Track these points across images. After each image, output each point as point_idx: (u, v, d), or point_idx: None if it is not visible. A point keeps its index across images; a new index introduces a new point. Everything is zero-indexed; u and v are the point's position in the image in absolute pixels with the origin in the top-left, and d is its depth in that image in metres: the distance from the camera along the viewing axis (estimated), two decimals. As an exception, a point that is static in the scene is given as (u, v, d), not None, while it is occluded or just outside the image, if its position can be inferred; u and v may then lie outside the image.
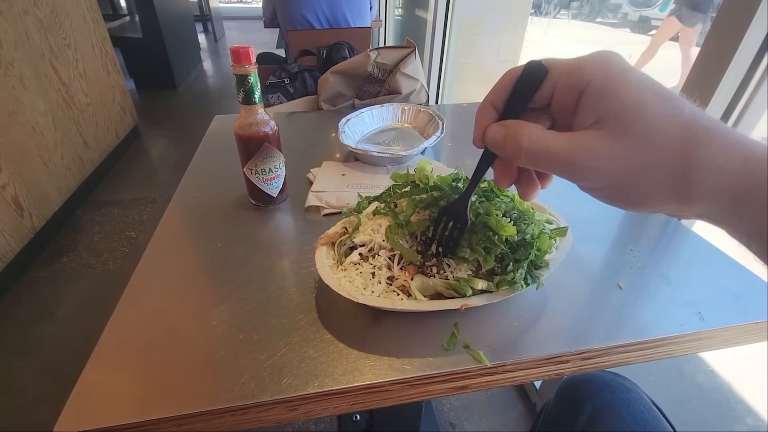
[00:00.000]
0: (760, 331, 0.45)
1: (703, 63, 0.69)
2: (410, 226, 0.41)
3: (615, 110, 0.23)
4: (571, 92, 0.25)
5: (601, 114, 0.23)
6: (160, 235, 0.57)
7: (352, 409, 0.39)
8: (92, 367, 0.39)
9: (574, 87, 0.25)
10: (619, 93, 0.23)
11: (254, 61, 0.53)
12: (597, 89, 0.24)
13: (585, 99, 0.24)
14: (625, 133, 0.23)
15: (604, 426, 0.53)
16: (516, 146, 0.26)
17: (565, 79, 0.25)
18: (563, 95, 0.25)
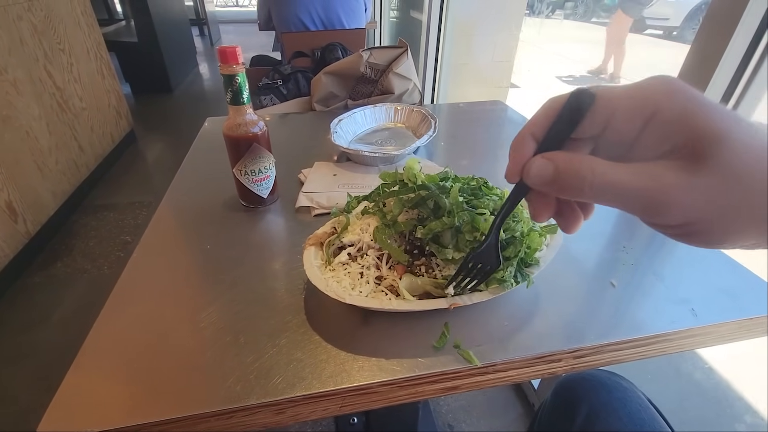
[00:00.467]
0: (754, 327, 0.45)
1: (693, 63, 0.68)
2: (398, 225, 0.41)
3: (694, 138, 0.21)
4: (633, 120, 0.22)
5: (676, 142, 0.21)
6: (149, 238, 0.56)
7: (341, 411, 0.38)
8: (75, 371, 0.38)
9: (638, 115, 0.22)
10: (697, 120, 0.21)
11: (241, 61, 0.52)
12: (669, 116, 0.21)
13: (654, 127, 0.22)
14: (707, 163, 0.20)
15: (601, 426, 0.52)
16: (578, 180, 0.23)
17: (625, 106, 0.23)
18: (623, 124, 0.23)
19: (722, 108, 0.21)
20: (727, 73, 0.66)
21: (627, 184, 0.22)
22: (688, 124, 0.21)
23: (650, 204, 0.22)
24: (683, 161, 0.21)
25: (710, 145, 0.20)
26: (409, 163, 0.43)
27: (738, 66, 0.65)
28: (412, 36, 2.49)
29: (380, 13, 3.18)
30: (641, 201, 0.22)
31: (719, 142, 0.20)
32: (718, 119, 0.20)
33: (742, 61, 0.65)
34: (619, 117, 0.23)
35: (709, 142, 0.20)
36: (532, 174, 0.25)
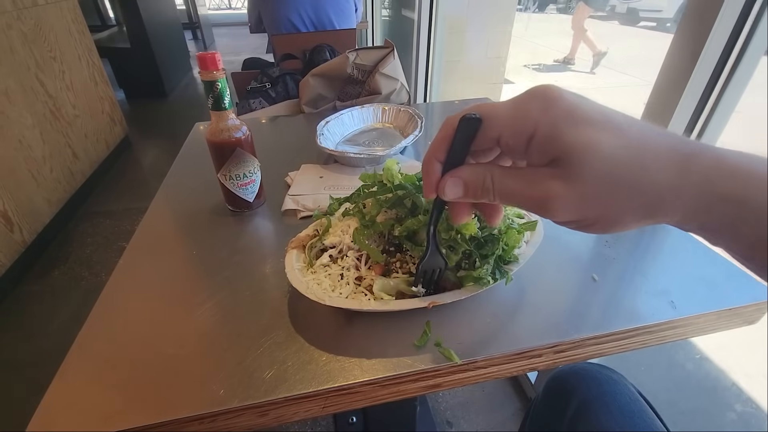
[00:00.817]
0: (733, 317, 0.45)
1: (675, 56, 0.69)
2: (376, 225, 0.41)
3: (566, 152, 0.24)
4: (518, 139, 0.25)
5: (554, 156, 0.24)
6: (134, 245, 0.57)
7: (324, 412, 0.39)
8: (60, 380, 0.39)
9: (521, 135, 0.25)
10: (570, 137, 0.23)
11: (222, 67, 0.53)
12: (546, 135, 0.24)
13: (535, 144, 0.25)
14: (580, 173, 0.23)
15: (591, 418, 0.52)
16: (483, 191, 0.27)
17: (509, 127, 0.26)
18: (511, 141, 0.26)
19: (594, 116, 0.24)
20: (709, 64, 0.66)
21: (520, 192, 0.26)
22: (560, 140, 0.24)
23: (541, 208, 0.25)
24: (562, 170, 0.24)
25: (578, 158, 0.23)
26: (388, 164, 0.44)
27: (718, 59, 0.66)
28: (404, 35, 2.48)
29: (371, 12, 3.17)
30: (533, 203, 0.26)
31: (588, 154, 0.23)
32: (585, 134, 0.23)
33: (722, 55, 0.65)
34: (505, 135, 0.26)
35: (577, 155, 0.23)
36: (447, 193, 0.28)
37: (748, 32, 0.63)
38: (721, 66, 0.66)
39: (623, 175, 0.23)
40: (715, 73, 0.67)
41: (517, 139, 0.25)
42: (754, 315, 0.46)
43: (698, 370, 1.19)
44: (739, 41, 0.64)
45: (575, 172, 0.24)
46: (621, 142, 0.23)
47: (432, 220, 0.35)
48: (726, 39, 0.64)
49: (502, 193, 0.27)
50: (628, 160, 0.23)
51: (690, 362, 1.21)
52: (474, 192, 0.28)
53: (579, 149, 0.23)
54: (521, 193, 0.26)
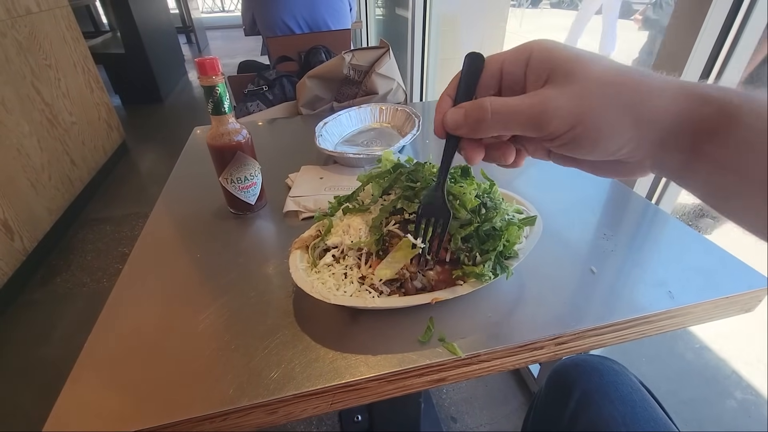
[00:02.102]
0: (730, 306, 0.46)
1: (668, 49, 0.70)
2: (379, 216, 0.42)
3: (558, 65, 0.27)
4: (517, 66, 0.29)
5: (547, 73, 0.27)
6: (139, 250, 0.57)
7: (331, 408, 0.39)
8: (73, 382, 0.39)
9: (519, 61, 0.29)
10: (558, 54, 0.27)
11: (221, 72, 0.53)
12: (538, 57, 0.28)
13: (530, 68, 0.28)
14: (570, 76, 0.26)
15: (593, 409, 0.53)
16: (482, 114, 0.29)
17: (509, 59, 0.29)
18: (510, 70, 0.29)
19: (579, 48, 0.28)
20: (702, 55, 0.67)
21: (517, 106, 0.28)
22: (553, 58, 0.27)
23: (538, 116, 0.27)
24: (555, 81, 0.27)
25: (569, 66, 0.27)
26: (386, 155, 0.45)
27: (711, 49, 0.66)
28: (398, 33, 2.49)
29: (365, 12, 3.18)
30: (530, 116, 0.27)
31: (575, 63, 0.26)
32: (573, 51, 0.27)
33: (717, 40, 0.66)
34: (506, 66, 0.30)
35: (568, 64, 0.27)
36: (448, 120, 0.31)
37: (742, 18, 0.64)
38: (716, 52, 0.66)
39: (608, 74, 0.26)
40: (710, 60, 0.67)
41: (516, 65, 0.29)
42: (751, 303, 0.47)
43: (698, 359, 1.20)
44: (733, 29, 0.64)
45: (566, 78, 0.26)
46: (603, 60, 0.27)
47: (443, 162, 0.35)
48: (721, 24, 0.64)
49: (499, 109, 0.28)
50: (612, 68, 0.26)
51: (690, 352, 1.22)
52: (472, 116, 0.29)
53: (568, 58, 0.27)
54: (518, 104, 0.28)
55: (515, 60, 0.29)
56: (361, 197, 0.47)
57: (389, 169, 0.46)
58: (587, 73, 0.26)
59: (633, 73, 0.25)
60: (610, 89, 0.25)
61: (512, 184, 0.67)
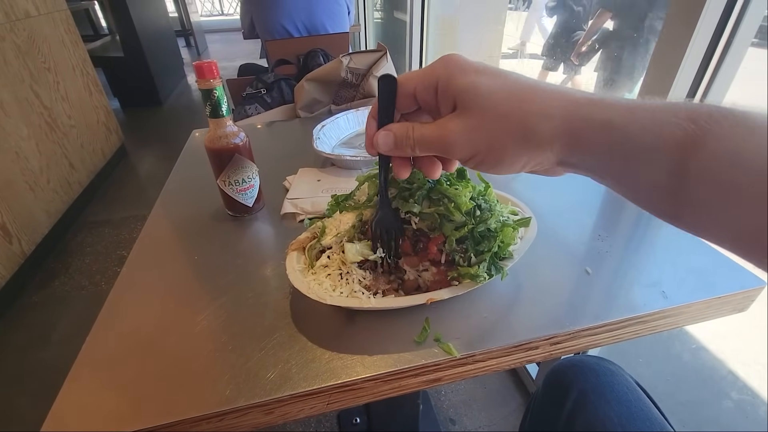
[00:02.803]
0: (722, 306, 0.47)
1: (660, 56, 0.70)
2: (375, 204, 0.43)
3: (458, 94, 0.29)
4: (428, 92, 0.31)
5: (452, 101, 0.29)
6: (137, 252, 0.58)
7: (328, 408, 0.40)
8: (70, 384, 0.39)
9: (429, 87, 0.31)
10: (459, 81, 0.29)
11: (219, 75, 0.54)
12: (444, 83, 0.30)
13: (439, 94, 0.30)
14: (468, 109, 0.28)
15: (590, 409, 0.54)
16: (406, 140, 0.32)
17: (420, 83, 0.31)
18: (424, 96, 0.31)
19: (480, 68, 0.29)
20: (696, 58, 0.68)
21: (428, 135, 0.31)
22: (453, 85, 0.29)
23: (444, 146, 0.30)
24: (458, 111, 0.29)
25: (467, 98, 0.28)
26: None
27: (704, 52, 0.67)
28: (396, 36, 2.50)
29: (364, 15, 3.19)
30: (439, 145, 0.31)
31: (472, 94, 0.28)
32: (471, 78, 0.29)
33: (707, 53, 0.67)
34: (419, 92, 0.32)
35: (466, 95, 0.28)
36: (380, 143, 0.33)
37: (733, 25, 0.64)
38: (707, 59, 0.67)
39: (500, 106, 0.27)
40: (701, 67, 0.68)
41: (427, 91, 0.31)
42: (743, 303, 0.48)
43: (695, 360, 1.21)
44: (725, 34, 0.65)
45: (464, 109, 0.29)
46: (499, 82, 0.28)
47: (381, 180, 0.39)
48: (711, 32, 0.65)
49: (419, 139, 0.31)
50: (504, 95, 0.28)
51: (687, 352, 1.23)
52: (401, 141, 0.32)
53: (465, 90, 0.28)
54: (430, 135, 0.31)
55: (425, 87, 0.31)
56: (357, 196, 0.47)
57: None
58: (480, 104, 0.28)
59: (524, 97, 0.27)
60: (500, 122, 0.28)
61: (508, 186, 0.68)
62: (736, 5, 0.63)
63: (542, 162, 0.28)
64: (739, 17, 0.64)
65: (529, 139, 0.27)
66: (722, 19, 0.64)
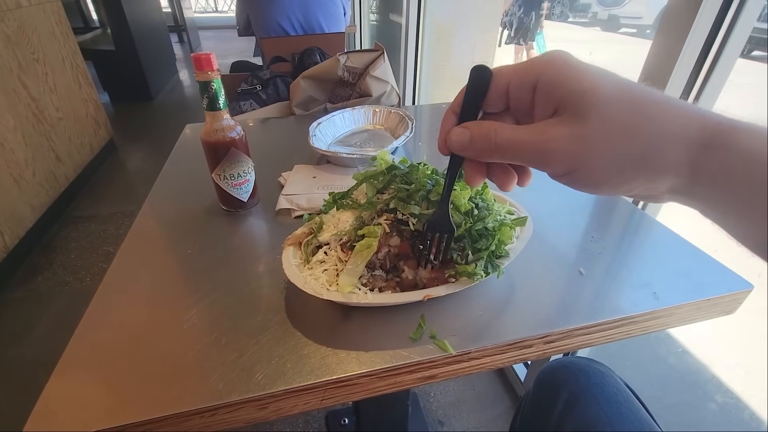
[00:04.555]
0: (711, 308, 0.48)
1: (654, 60, 0.72)
2: (373, 205, 0.43)
3: (568, 96, 0.24)
4: (523, 89, 0.26)
5: (556, 103, 0.25)
6: (128, 246, 0.57)
7: (322, 404, 0.39)
8: (57, 377, 0.38)
9: (525, 84, 0.26)
10: (569, 81, 0.24)
11: (216, 68, 0.53)
12: (547, 81, 0.25)
13: (538, 93, 0.26)
14: (581, 115, 0.24)
15: (580, 409, 0.54)
16: (486, 142, 0.27)
17: (516, 78, 0.27)
18: (517, 93, 0.27)
19: (596, 70, 0.25)
20: (686, 69, 0.69)
21: (520, 139, 0.26)
22: (564, 85, 0.24)
23: (539, 154, 0.25)
24: (565, 117, 0.24)
25: (578, 102, 0.24)
26: (381, 154, 0.45)
27: (695, 63, 0.69)
28: (392, 38, 2.51)
29: (360, 16, 3.20)
30: (532, 153, 0.26)
31: (585, 98, 0.24)
32: (589, 79, 0.24)
33: (699, 59, 0.68)
34: (513, 88, 0.27)
35: (578, 99, 0.24)
36: (453, 141, 0.29)
37: (722, 37, 0.66)
38: (698, 69, 0.69)
39: (623, 118, 0.23)
40: (692, 77, 0.70)
41: (523, 90, 0.26)
42: (732, 305, 0.49)
43: (680, 363, 1.23)
44: (714, 46, 0.67)
45: (574, 115, 0.24)
46: (621, 89, 0.23)
47: (447, 180, 0.35)
48: (702, 43, 0.67)
49: (504, 141, 0.27)
50: (629, 106, 0.23)
51: (672, 356, 1.25)
52: (479, 142, 0.28)
53: (580, 92, 0.24)
54: (522, 141, 0.26)
55: (522, 82, 0.26)
56: (355, 195, 0.47)
57: (383, 170, 0.46)
58: (597, 112, 0.23)
59: (653, 111, 0.23)
60: (620, 137, 0.23)
61: (503, 187, 0.68)
62: (726, 18, 0.65)
63: (654, 188, 0.24)
64: (728, 31, 0.66)
65: (650, 163, 0.23)
66: (713, 31, 0.66)
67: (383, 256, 0.43)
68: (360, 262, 0.41)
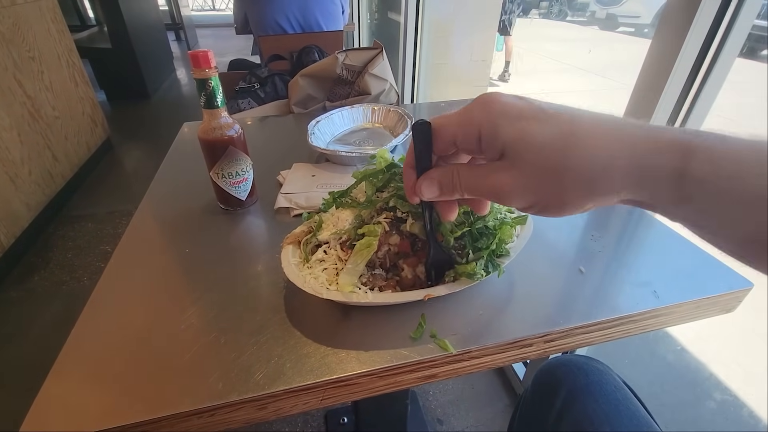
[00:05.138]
0: (711, 306, 0.48)
1: (652, 60, 0.72)
2: (372, 203, 0.42)
3: (506, 145, 0.27)
4: (470, 141, 0.29)
5: (499, 150, 0.27)
6: (125, 245, 0.56)
7: (322, 404, 0.39)
8: (54, 377, 0.38)
9: (471, 136, 0.28)
10: (504, 131, 0.26)
11: (214, 65, 0.53)
12: (488, 133, 0.27)
13: (483, 143, 0.28)
14: (520, 162, 0.26)
15: (578, 407, 0.54)
16: (453, 188, 0.31)
17: (460, 132, 0.29)
18: (465, 145, 0.30)
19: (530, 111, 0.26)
20: (685, 68, 0.69)
21: (479, 185, 0.29)
22: (499, 135, 0.27)
23: (497, 196, 0.29)
24: (507, 162, 0.27)
25: (514, 149, 0.26)
26: (380, 153, 0.45)
27: (694, 62, 0.69)
28: (390, 37, 2.50)
29: (358, 15, 3.19)
30: (491, 193, 0.29)
31: (523, 143, 0.26)
32: (518, 126, 0.26)
33: (698, 57, 0.68)
34: (460, 139, 0.30)
35: (513, 147, 0.26)
36: (425, 193, 0.32)
37: (721, 36, 0.66)
38: (697, 68, 0.69)
39: (555, 158, 0.25)
40: (691, 75, 0.70)
41: (468, 140, 0.29)
42: (731, 303, 0.49)
43: (679, 361, 1.23)
44: (713, 45, 0.67)
45: (515, 163, 0.27)
46: (551, 129, 0.25)
47: (426, 221, 0.38)
48: (701, 42, 0.67)
49: (467, 187, 0.30)
50: (560, 146, 0.25)
51: (671, 354, 1.25)
52: (446, 189, 0.31)
53: (514, 141, 0.26)
54: (480, 185, 0.29)
55: (466, 136, 0.29)
56: (354, 194, 0.47)
57: (383, 169, 0.46)
58: (534, 159, 0.26)
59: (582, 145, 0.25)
60: (558, 177, 0.25)
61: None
62: (724, 19, 0.65)
63: (607, 203, 0.26)
64: (727, 30, 0.66)
65: (593, 190, 0.25)
66: (711, 30, 0.66)
67: (383, 255, 0.43)
68: (360, 262, 0.40)
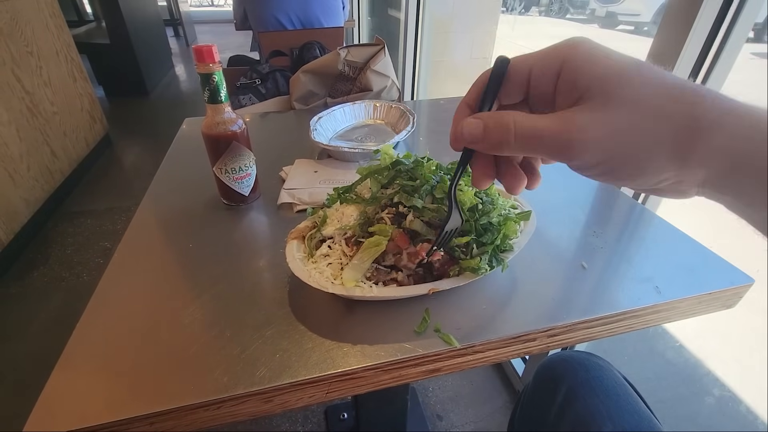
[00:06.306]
0: (712, 301, 0.48)
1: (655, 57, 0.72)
2: (377, 200, 0.43)
3: (596, 80, 0.22)
4: (546, 76, 0.25)
5: (583, 89, 0.23)
6: (128, 240, 0.56)
7: (327, 397, 0.39)
8: (60, 371, 0.38)
9: (549, 70, 0.24)
10: (596, 65, 0.23)
11: (218, 60, 0.53)
12: (573, 67, 0.23)
13: (562, 80, 0.24)
14: (611, 100, 0.22)
15: (579, 402, 0.55)
16: (503, 132, 0.25)
17: (538, 64, 0.25)
18: (539, 81, 0.25)
19: (623, 55, 0.23)
20: (685, 69, 0.70)
21: (543, 129, 0.24)
22: (591, 69, 0.23)
23: (564, 145, 0.23)
24: (591, 104, 0.23)
25: (608, 87, 0.22)
26: (384, 149, 0.45)
27: (696, 60, 0.69)
28: (390, 34, 2.50)
29: (358, 11, 3.18)
30: (557, 143, 0.23)
31: (616, 83, 0.22)
32: (617, 64, 0.22)
33: (700, 55, 0.68)
34: (535, 75, 0.25)
35: (607, 84, 0.22)
36: (465, 133, 0.26)
37: (724, 33, 0.66)
38: (697, 69, 0.69)
39: (661, 102, 0.21)
40: (691, 76, 0.70)
41: (545, 74, 0.25)
42: (732, 299, 0.49)
43: (678, 357, 1.24)
44: (716, 42, 0.67)
45: (605, 101, 0.22)
46: (653, 74, 0.22)
47: (454, 177, 0.33)
48: (704, 39, 0.67)
49: (524, 132, 0.24)
50: (665, 90, 0.21)
51: (670, 350, 1.26)
52: (493, 133, 0.25)
53: (610, 75, 0.22)
54: (545, 129, 0.24)
55: (545, 68, 0.25)
56: (358, 190, 0.47)
57: (388, 165, 0.46)
58: (630, 97, 0.21)
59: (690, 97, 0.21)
60: (658, 123, 0.21)
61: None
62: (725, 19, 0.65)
63: (684, 181, 0.22)
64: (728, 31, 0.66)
65: (687, 151, 0.21)
66: (717, 20, 0.66)
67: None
68: (367, 259, 0.40)
